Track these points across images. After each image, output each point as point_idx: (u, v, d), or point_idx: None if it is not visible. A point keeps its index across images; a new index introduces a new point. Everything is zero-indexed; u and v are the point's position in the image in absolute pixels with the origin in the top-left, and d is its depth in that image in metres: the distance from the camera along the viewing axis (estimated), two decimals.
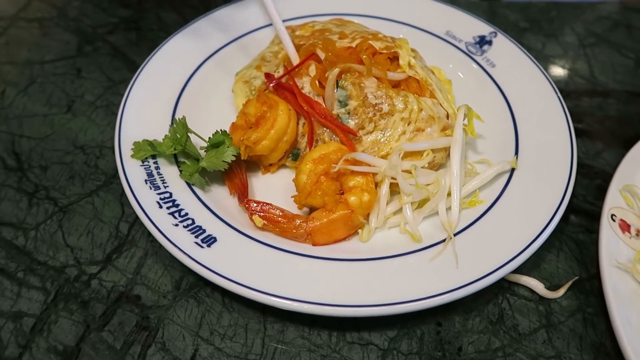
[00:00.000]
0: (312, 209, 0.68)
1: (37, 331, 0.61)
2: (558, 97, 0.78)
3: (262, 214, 0.66)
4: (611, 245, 0.63)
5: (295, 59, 0.74)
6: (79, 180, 0.76)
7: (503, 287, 0.65)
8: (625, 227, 0.66)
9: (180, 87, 0.81)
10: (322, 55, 0.74)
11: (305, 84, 0.73)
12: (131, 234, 0.70)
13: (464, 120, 0.70)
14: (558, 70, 0.93)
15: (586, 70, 0.93)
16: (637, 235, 0.66)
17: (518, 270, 0.64)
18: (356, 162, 0.67)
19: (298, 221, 0.66)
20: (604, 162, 0.79)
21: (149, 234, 0.69)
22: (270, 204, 0.67)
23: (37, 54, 0.94)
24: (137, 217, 0.71)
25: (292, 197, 0.69)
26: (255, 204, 0.66)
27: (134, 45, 0.95)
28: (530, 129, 0.75)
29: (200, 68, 0.84)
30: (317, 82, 0.72)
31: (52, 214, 0.72)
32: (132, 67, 0.91)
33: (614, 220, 0.66)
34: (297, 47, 0.78)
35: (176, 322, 0.62)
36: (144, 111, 0.77)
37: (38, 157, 0.79)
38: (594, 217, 0.71)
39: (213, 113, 0.81)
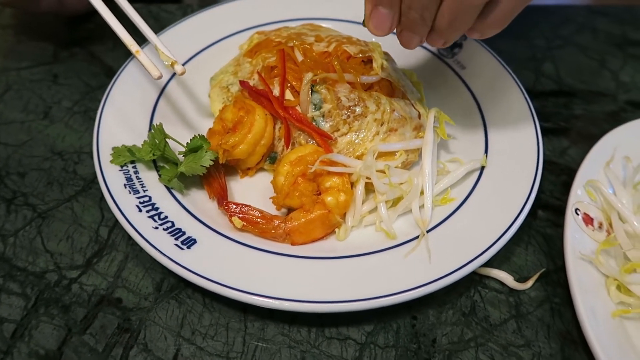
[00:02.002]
0: (290, 210, 0.70)
1: (18, 337, 0.61)
2: (525, 97, 0.81)
3: (241, 215, 0.67)
4: (575, 238, 0.66)
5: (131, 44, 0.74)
6: (57, 186, 0.76)
7: (474, 280, 0.68)
8: (588, 220, 0.69)
9: (158, 91, 0.82)
10: (299, 56, 0.76)
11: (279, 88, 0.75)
12: (111, 238, 0.71)
13: (435, 122, 0.73)
14: (526, 72, 0.96)
15: (553, 71, 0.97)
16: (599, 228, 0.69)
17: (489, 264, 0.67)
18: (332, 163, 0.69)
19: (277, 222, 0.67)
20: (570, 159, 0.82)
21: (129, 238, 0.70)
22: (249, 206, 0.68)
23: (12, 61, 0.94)
24: (116, 221, 0.72)
25: (270, 198, 0.70)
26: (234, 206, 0.68)
27: (110, 51, 0.96)
28: (499, 128, 0.78)
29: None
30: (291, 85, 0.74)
31: (31, 219, 0.72)
32: (110, 72, 0.92)
33: (577, 214, 0.69)
34: (275, 45, 0.80)
35: (158, 324, 0.63)
36: (122, 116, 0.77)
37: (16, 163, 0.79)
38: (561, 212, 0.73)
39: (190, 118, 0.82)
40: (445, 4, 0.54)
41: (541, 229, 0.73)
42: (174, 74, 0.85)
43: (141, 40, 0.77)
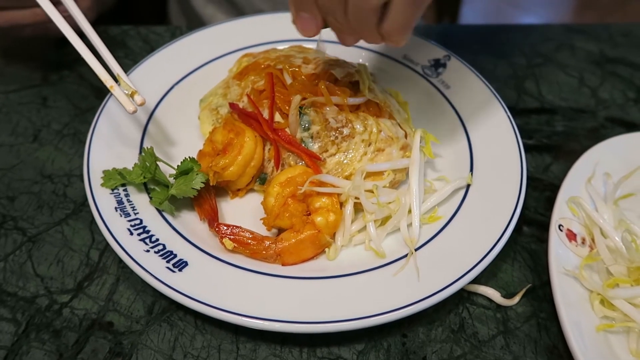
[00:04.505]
0: (281, 230, 0.71)
1: None
2: (508, 115, 0.83)
3: (232, 236, 0.68)
4: (559, 253, 0.68)
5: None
6: (47, 209, 0.76)
7: (463, 297, 0.69)
8: (571, 236, 0.71)
9: (148, 114, 0.83)
10: (288, 79, 0.77)
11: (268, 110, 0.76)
12: (102, 261, 0.71)
13: (421, 142, 0.74)
14: (509, 90, 0.99)
15: (534, 89, 0.99)
16: (582, 243, 0.71)
17: (476, 281, 0.68)
18: (321, 184, 0.70)
19: (267, 242, 0.68)
20: (553, 175, 0.85)
21: (120, 261, 0.70)
22: (240, 227, 0.69)
23: (1, 84, 0.94)
24: (107, 244, 0.72)
25: (261, 219, 0.71)
26: (225, 227, 0.68)
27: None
28: (483, 146, 0.80)
29: (167, 95, 0.86)
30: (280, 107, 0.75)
31: (21, 244, 0.72)
32: (99, 95, 0.92)
33: (561, 230, 0.71)
34: (264, 68, 0.81)
35: (149, 347, 0.63)
36: (112, 139, 0.78)
37: (5, 187, 0.79)
38: (545, 227, 0.75)
39: (180, 139, 0.83)
40: (347, 9, 0.58)
41: (526, 244, 0.75)
42: (164, 96, 0.86)
43: (136, 54, 0.78)
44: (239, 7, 1.19)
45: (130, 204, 0.70)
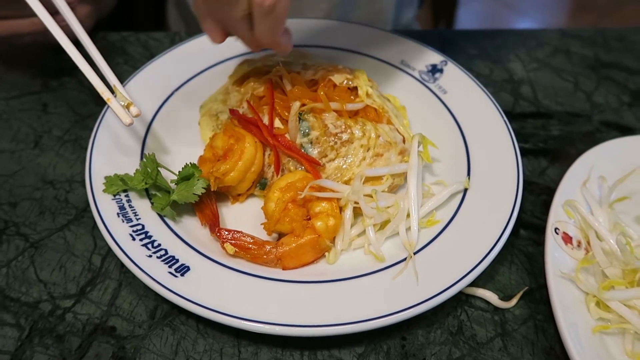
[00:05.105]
0: (281, 235, 0.72)
1: None
2: (504, 120, 0.84)
3: (233, 241, 0.69)
4: (555, 256, 0.69)
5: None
6: (49, 215, 0.77)
7: (461, 300, 0.70)
8: (567, 239, 0.72)
9: (149, 120, 0.84)
10: (288, 85, 0.78)
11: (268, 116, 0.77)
12: (104, 266, 0.72)
13: (419, 147, 0.75)
14: (505, 94, 1.00)
15: (530, 93, 1.01)
16: (578, 246, 0.72)
17: (474, 283, 0.69)
18: (321, 189, 0.71)
19: (268, 247, 0.69)
20: (549, 178, 0.86)
21: (122, 265, 0.71)
22: (241, 232, 0.70)
23: (1, 91, 0.95)
24: (109, 249, 0.73)
25: (261, 224, 0.72)
26: (226, 232, 0.69)
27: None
28: (480, 150, 0.81)
29: (167, 101, 0.87)
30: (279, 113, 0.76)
31: (23, 250, 0.73)
32: (100, 101, 0.92)
33: (557, 233, 0.72)
34: (263, 74, 0.82)
35: (152, 351, 0.64)
36: (113, 145, 0.79)
37: (7, 194, 0.79)
38: (541, 230, 0.76)
39: (181, 145, 0.83)
40: (226, 22, 0.67)
41: (523, 247, 0.76)
42: (164, 102, 0.87)
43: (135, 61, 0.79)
44: None
45: (132, 210, 0.71)
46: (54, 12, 0.79)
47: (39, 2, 0.77)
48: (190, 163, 0.72)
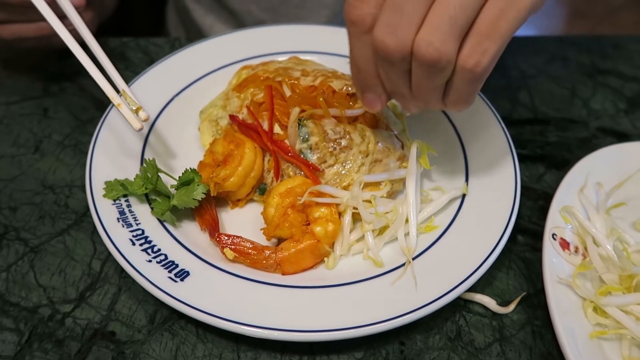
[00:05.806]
0: (281, 240, 0.72)
1: None
2: (502, 126, 0.85)
3: (233, 246, 0.69)
4: (553, 262, 0.69)
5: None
6: (49, 219, 0.77)
7: (459, 305, 0.70)
8: (565, 244, 0.73)
9: (149, 125, 0.84)
10: (287, 91, 0.79)
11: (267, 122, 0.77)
12: (104, 271, 0.72)
13: (417, 153, 0.76)
14: (503, 101, 1.00)
15: (528, 100, 1.02)
16: (575, 252, 0.72)
17: (472, 289, 0.69)
18: (320, 194, 0.72)
19: (267, 252, 0.69)
20: (546, 184, 0.86)
21: (122, 270, 0.71)
22: (241, 237, 0.70)
23: (1, 95, 0.95)
24: (109, 254, 0.73)
25: (261, 229, 0.72)
26: (226, 238, 0.70)
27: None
28: (478, 156, 0.82)
29: (168, 106, 0.88)
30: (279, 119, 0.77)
31: (23, 254, 0.73)
32: (100, 106, 0.94)
33: (554, 239, 0.72)
34: (263, 80, 0.83)
35: (152, 356, 0.64)
36: (113, 150, 0.79)
37: (7, 198, 0.80)
38: (539, 236, 0.77)
39: (181, 150, 0.84)
40: (412, 89, 0.61)
41: (521, 253, 0.77)
42: (164, 107, 0.87)
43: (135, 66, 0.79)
44: (239, 17, 1.20)
45: (132, 215, 0.71)
46: (61, 16, 0.80)
47: (48, 6, 0.78)
48: (190, 168, 0.72)
